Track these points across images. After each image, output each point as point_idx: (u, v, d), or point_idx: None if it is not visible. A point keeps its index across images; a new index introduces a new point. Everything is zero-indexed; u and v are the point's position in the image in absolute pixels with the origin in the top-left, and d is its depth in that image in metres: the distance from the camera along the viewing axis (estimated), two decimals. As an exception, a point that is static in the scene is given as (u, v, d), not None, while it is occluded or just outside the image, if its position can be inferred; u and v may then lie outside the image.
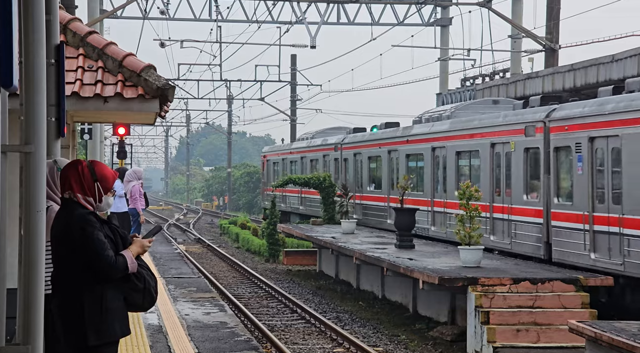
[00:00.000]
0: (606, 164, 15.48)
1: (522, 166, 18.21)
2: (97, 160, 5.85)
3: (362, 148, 29.52)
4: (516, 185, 18.33)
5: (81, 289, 5.28)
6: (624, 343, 10.08)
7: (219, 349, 11.43)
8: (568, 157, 16.80)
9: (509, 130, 18.70)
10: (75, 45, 9.04)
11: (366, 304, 21.27)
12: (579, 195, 16.26)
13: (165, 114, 9.58)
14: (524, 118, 18.26)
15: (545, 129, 17.32)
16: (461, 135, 21.06)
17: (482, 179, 19.74)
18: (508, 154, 18.80)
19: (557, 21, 26.85)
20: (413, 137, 24.46)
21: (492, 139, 19.39)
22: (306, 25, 33.32)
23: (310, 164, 36.61)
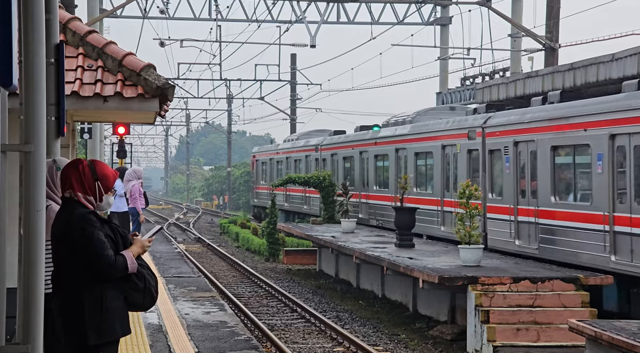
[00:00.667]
0: (527, 164, 18.02)
1: (466, 165, 20.89)
2: (97, 160, 5.85)
3: (338, 149, 32.48)
4: (461, 181, 19.71)
5: (81, 289, 5.28)
6: (624, 342, 10.08)
7: (219, 348, 11.43)
8: (499, 158, 19.20)
9: (456, 134, 21.39)
10: (75, 44, 9.04)
11: (366, 303, 21.27)
12: (507, 191, 18.85)
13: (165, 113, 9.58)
14: (467, 124, 21.01)
15: (483, 133, 19.89)
16: (419, 138, 24.01)
17: (435, 177, 22.80)
18: (455, 155, 21.53)
19: (557, 20, 26.85)
20: (380, 139, 27.47)
21: (443, 141, 22.26)
22: (306, 24, 33.32)
23: (294, 163, 39.44)
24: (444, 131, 22.45)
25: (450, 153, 21.92)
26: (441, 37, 36.17)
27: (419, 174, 24.20)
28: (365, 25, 35.96)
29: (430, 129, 23.44)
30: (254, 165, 48.13)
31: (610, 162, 15.45)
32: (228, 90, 66.29)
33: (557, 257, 16.97)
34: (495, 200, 19.40)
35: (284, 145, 42.94)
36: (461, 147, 21.09)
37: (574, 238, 16.43)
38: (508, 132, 18.90)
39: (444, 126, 22.60)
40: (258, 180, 46.49)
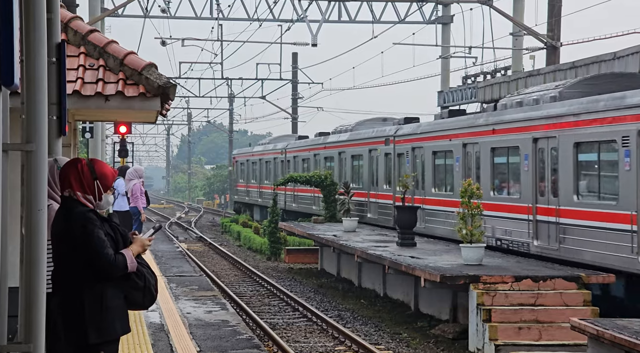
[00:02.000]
0: (420, 164, 24.29)
1: (384, 165, 27.25)
2: (96, 159, 5.85)
3: (299, 152, 38.68)
4: (380, 178, 27.62)
5: (81, 287, 5.28)
6: (626, 340, 10.07)
7: (221, 347, 11.43)
8: (404, 159, 25.54)
9: (378, 141, 27.76)
10: (76, 43, 9.04)
11: (368, 302, 21.27)
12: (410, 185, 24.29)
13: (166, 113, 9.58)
14: (384, 133, 27.45)
15: (394, 141, 26.22)
16: (354, 144, 30.71)
17: (364, 175, 29.34)
18: (377, 157, 27.83)
19: (559, 18, 26.83)
20: (329, 144, 34.01)
21: (370, 146, 28.75)
22: (307, 23, 33.32)
23: (265, 164, 45.47)
24: (370, 138, 28.85)
25: (374, 156, 28.31)
26: (442, 35, 36.14)
27: (354, 173, 30.65)
28: (367, 24, 35.95)
29: (362, 136, 30.05)
30: (234, 166, 54.73)
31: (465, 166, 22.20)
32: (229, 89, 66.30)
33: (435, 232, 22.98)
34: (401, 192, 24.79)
35: (258, 148, 48.70)
36: (381, 151, 27.37)
37: (446, 219, 21.93)
38: (408, 140, 25.25)
39: (370, 134, 29.13)
40: (237, 179, 53.12)
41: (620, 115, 15.14)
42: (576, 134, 16.46)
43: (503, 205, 18.97)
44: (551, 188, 17.30)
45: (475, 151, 20.56)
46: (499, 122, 19.44)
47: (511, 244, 18.57)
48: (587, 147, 16.28)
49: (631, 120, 14.80)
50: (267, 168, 44.96)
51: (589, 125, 16.03)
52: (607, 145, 15.64)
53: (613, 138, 15.31)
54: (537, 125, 17.82)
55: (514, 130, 18.79)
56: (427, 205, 23.46)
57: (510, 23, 29.99)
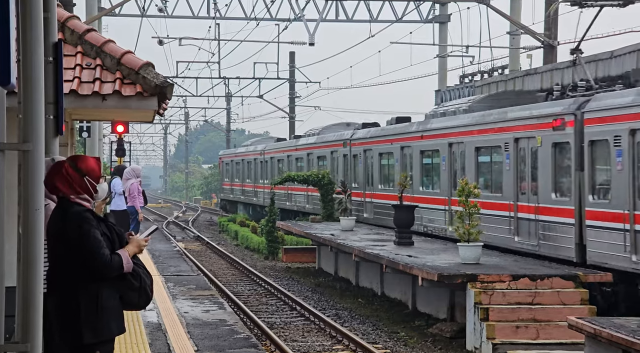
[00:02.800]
0: (370, 164, 28.46)
1: (342, 165, 31.76)
2: (76, 155, 5.77)
3: (275, 153, 42.79)
4: (339, 176, 31.27)
5: (77, 287, 5.27)
6: (623, 339, 10.08)
7: (218, 347, 11.43)
8: (358, 158, 29.78)
9: (338, 144, 32.38)
10: (73, 43, 9.03)
11: (365, 301, 21.27)
12: (361, 180, 29.14)
13: (163, 112, 9.57)
14: (343, 137, 31.98)
15: (350, 144, 30.79)
16: (319, 146, 35.18)
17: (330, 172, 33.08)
18: (338, 158, 32.49)
19: (556, 17, 26.83)
20: (300, 146, 38.46)
21: (331, 149, 33.43)
22: (305, 22, 33.31)
23: (247, 164, 49.25)
24: (332, 141, 33.35)
25: (336, 156, 32.73)
26: (440, 34, 36.14)
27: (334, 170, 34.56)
28: (364, 23, 35.95)
29: (326, 139, 34.41)
30: (221, 165, 58.46)
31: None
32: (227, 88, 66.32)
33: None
34: (356, 188, 29.34)
35: (240, 149, 53.35)
36: (340, 152, 32.02)
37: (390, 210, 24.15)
38: (361, 143, 29.62)
39: (332, 138, 33.59)
40: (223, 178, 57.13)
41: (503, 126, 19.12)
42: (476, 140, 20.44)
43: (430, 198, 23.12)
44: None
45: (410, 153, 24.84)
46: (426, 129, 23.71)
47: (434, 230, 22.72)
48: (483, 150, 20.26)
49: (509, 130, 18.77)
50: (248, 168, 48.89)
51: (484, 133, 20.02)
52: (496, 149, 19.63)
53: (499, 144, 19.33)
54: (451, 132, 21.76)
55: (436, 136, 22.80)
56: (375, 199, 27.96)
57: (508, 22, 30.00)
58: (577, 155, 16.51)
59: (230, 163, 54.18)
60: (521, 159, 18.53)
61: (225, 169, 55.99)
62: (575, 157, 16.54)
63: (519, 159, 18.58)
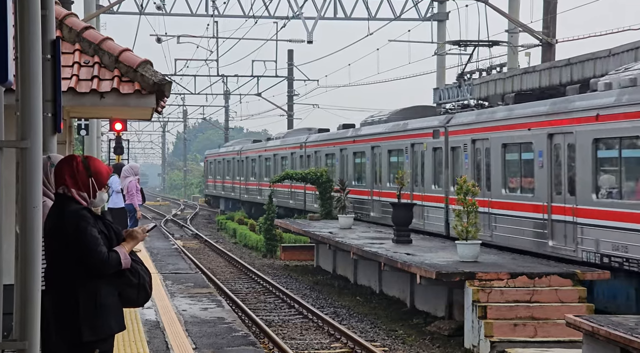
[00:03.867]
0: (319, 162, 34.13)
1: (299, 164, 37.25)
2: (91, 156, 5.83)
3: (250, 153, 48.54)
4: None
5: (75, 285, 5.26)
6: (621, 337, 10.09)
7: (217, 345, 11.42)
8: (311, 158, 35.46)
9: (297, 146, 38.25)
10: (71, 40, 9.03)
11: (363, 299, 21.28)
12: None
13: (162, 110, 9.58)
14: (299, 140, 37.96)
15: (305, 146, 36.75)
16: (283, 148, 41.16)
17: (274, 171, 40.49)
18: (296, 158, 38.20)
19: (554, 15, 26.84)
20: (268, 147, 44.83)
21: (291, 151, 39.32)
22: (303, 20, 33.30)
23: (227, 163, 55.15)
24: (292, 144, 39.31)
25: (295, 156, 38.62)
26: (438, 32, 36.14)
27: (282, 170, 38.55)
28: (362, 21, 35.95)
29: (287, 142, 40.77)
30: (206, 164, 65.45)
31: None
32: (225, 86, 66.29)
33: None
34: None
35: (222, 149, 59.61)
36: (297, 153, 38.14)
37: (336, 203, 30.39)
38: (313, 146, 35.88)
39: (292, 141, 39.78)
40: (207, 175, 64.11)
41: (405, 134, 25.49)
42: (389, 144, 26.78)
43: (360, 191, 29.20)
44: (379, 179, 27.68)
45: (346, 155, 31.37)
46: (357, 135, 30.23)
47: (361, 216, 28.47)
48: (394, 152, 26.45)
49: (408, 137, 25.13)
50: (228, 166, 55.05)
51: (394, 139, 26.37)
52: (400, 151, 25.86)
53: (402, 148, 25.66)
54: (373, 138, 28.28)
55: (363, 141, 29.35)
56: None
57: (506, 20, 30.00)
58: (445, 157, 22.25)
59: (214, 162, 60.31)
60: (416, 159, 24.60)
61: (210, 167, 62.46)
62: (445, 158, 22.25)
63: (414, 159, 24.68)
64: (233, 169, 53.21)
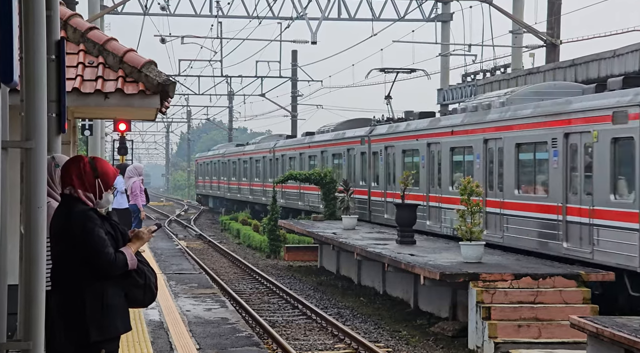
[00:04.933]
0: (285, 164, 39.31)
1: (269, 166, 43.41)
2: (98, 157, 5.83)
3: (232, 156, 54.61)
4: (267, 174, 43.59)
5: (81, 286, 5.27)
6: (626, 338, 10.08)
7: (221, 345, 11.43)
8: (280, 162, 41.31)
9: (267, 151, 44.21)
10: (75, 41, 9.03)
11: (367, 300, 21.27)
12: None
13: (166, 110, 9.58)
14: (269, 146, 44.14)
15: (274, 150, 42.59)
16: (257, 152, 47.27)
17: (261, 173, 45.47)
18: (267, 161, 44.13)
19: (558, 16, 26.82)
20: (245, 151, 50.70)
21: (263, 154, 45.09)
22: (307, 20, 33.30)
23: (213, 165, 61.91)
24: (263, 149, 45.38)
25: (266, 159, 44.36)
26: (442, 33, 36.12)
27: (257, 171, 46.39)
28: (366, 21, 35.94)
29: (260, 147, 46.96)
30: (196, 166, 74.09)
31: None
32: (229, 86, 66.28)
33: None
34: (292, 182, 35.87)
35: (210, 153, 66.39)
36: (267, 156, 43.87)
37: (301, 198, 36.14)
38: (281, 150, 41.62)
39: (262, 147, 46.42)
40: (198, 176, 71.91)
41: (343, 142, 31.59)
42: (334, 148, 32.58)
43: (310, 187, 33.15)
44: (352, 177, 30.09)
45: (304, 157, 37.08)
46: (312, 141, 35.96)
47: (311, 209, 33.77)
48: (336, 155, 32.30)
49: (347, 144, 31.08)
50: (214, 168, 61.75)
51: (337, 145, 32.33)
52: (340, 155, 31.61)
53: (341, 152, 31.69)
54: (321, 144, 34.37)
55: (316, 146, 35.23)
56: (286, 189, 38.83)
57: (510, 21, 29.98)
58: (369, 159, 28.15)
59: (203, 164, 68.04)
60: (350, 161, 30.39)
61: (200, 169, 70.20)
62: (369, 160, 28.13)
63: (350, 160, 30.45)
64: (218, 170, 60.06)
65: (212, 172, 62.70)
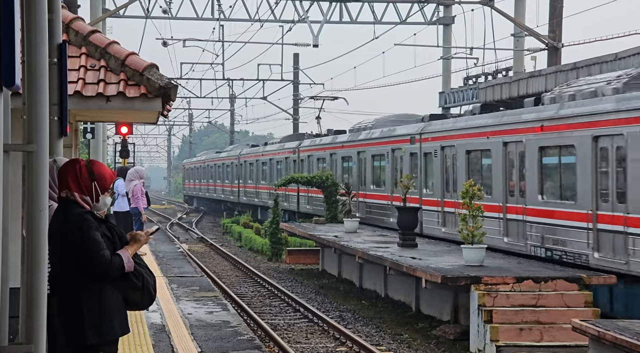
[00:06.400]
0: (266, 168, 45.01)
1: (255, 169, 47.89)
2: (95, 160, 5.83)
3: (214, 162, 63.45)
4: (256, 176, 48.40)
5: (79, 288, 5.27)
6: (627, 342, 10.07)
7: (222, 348, 11.43)
8: (243, 166, 50.82)
9: (233, 158, 54.56)
10: (77, 44, 9.04)
11: (369, 303, 21.26)
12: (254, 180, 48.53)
13: (167, 113, 9.57)
14: (235, 153, 54.58)
15: (240, 157, 52.03)
16: (228, 159, 56.89)
17: (252, 175, 49.41)
18: (251, 164, 49.13)
19: (560, 19, 26.82)
20: (221, 158, 59.33)
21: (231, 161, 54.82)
22: (309, 24, 33.31)
23: (197, 170, 72.32)
24: (232, 156, 54.40)
25: (232, 164, 52.49)
26: (444, 36, 36.13)
27: (246, 173, 51.25)
28: (368, 24, 35.94)
29: (229, 154, 55.78)
30: (184, 170, 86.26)
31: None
32: (231, 89, 66.31)
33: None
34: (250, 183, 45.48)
35: (194, 159, 78.29)
36: (234, 162, 52.28)
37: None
38: (254, 156, 48.32)
39: (232, 154, 55.86)
40: (184, 179, 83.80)
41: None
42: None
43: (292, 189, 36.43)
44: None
45: (273, 162, 43.20)
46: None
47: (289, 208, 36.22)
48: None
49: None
50: (197, 172, 72.08)
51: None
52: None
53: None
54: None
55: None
56: (258, 189, 46.33)
57: (512, 24, 29.99)
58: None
59: (190, 169, 78.54)
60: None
61: (187, 173, 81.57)
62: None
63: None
64: (199, 174, 70.78)
65: (196, 175, 73.57)
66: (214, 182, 63.01)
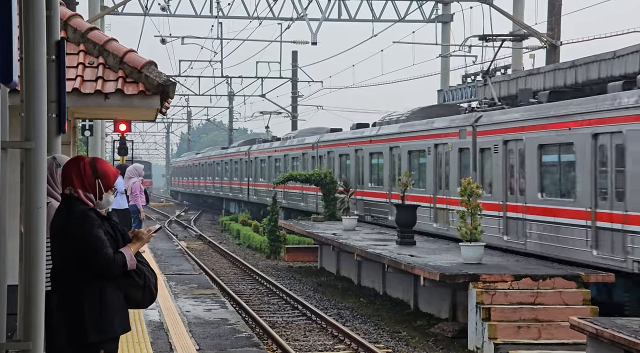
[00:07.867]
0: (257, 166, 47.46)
1: (239, 167, 52.06)
2: (99, 157, 5.84)
3: (195, 161, 69.55)
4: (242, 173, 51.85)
5: (81, 286, 5.27)
6: (625, 339, 10.08)
7: (220, 346, 11.43)
8: (252, 164, 48.44)
9: (243, 154, 51.08)
10: (76, 41, 9.03)
11: (367, 301, 21.27)
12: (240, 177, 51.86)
13: (166, 111, 9.57)
14: (241, 150, 52.22)
15: (248, 153, 49.55)
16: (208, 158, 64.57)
17: (236, 173, 52.72)
18: (238, 162, 52.08)
19: (559, 17, 26.81)
20: (204, 157, 64.97)
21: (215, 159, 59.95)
22: (307, 21, 33.30)
23: (182, 168, 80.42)
24: (233, 153, 54.76)
25: (215, 163, 57.83)
26: (442, 34, 36.14)
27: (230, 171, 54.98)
28: (367, 22, 35.94)
29: (228, 152, 57.45)
30: (171, 168, 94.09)
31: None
32: (229, 87, 66.29)
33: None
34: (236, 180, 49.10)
35: (178, 159, 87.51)
36: (242, 159, 51.11)
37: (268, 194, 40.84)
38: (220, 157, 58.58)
39: (212, 153, 62.16)
40: (173, 176, 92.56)
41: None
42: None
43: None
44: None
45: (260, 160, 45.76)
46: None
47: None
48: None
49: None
50: (184, 170, 78.95)
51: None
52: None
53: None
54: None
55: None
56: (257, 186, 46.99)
57: (510, 22, 29.98)
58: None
59: (179, 167, 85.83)
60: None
61: (174, 171, 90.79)
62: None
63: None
64: (188, 173, 76.46)
65: (181, 173, 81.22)
66: (198, 179, 67.50)
